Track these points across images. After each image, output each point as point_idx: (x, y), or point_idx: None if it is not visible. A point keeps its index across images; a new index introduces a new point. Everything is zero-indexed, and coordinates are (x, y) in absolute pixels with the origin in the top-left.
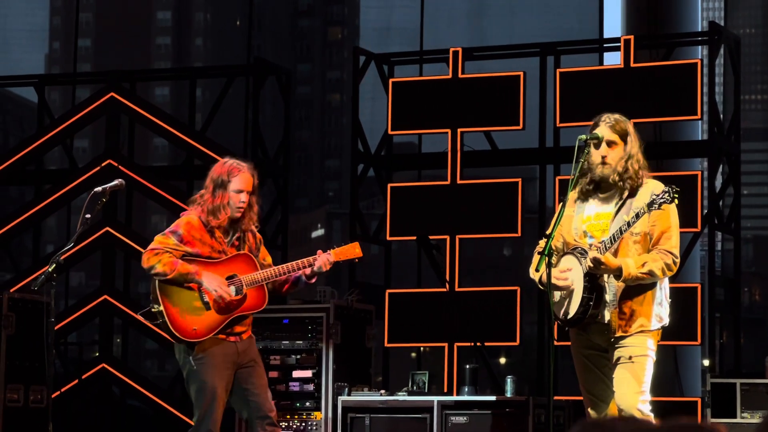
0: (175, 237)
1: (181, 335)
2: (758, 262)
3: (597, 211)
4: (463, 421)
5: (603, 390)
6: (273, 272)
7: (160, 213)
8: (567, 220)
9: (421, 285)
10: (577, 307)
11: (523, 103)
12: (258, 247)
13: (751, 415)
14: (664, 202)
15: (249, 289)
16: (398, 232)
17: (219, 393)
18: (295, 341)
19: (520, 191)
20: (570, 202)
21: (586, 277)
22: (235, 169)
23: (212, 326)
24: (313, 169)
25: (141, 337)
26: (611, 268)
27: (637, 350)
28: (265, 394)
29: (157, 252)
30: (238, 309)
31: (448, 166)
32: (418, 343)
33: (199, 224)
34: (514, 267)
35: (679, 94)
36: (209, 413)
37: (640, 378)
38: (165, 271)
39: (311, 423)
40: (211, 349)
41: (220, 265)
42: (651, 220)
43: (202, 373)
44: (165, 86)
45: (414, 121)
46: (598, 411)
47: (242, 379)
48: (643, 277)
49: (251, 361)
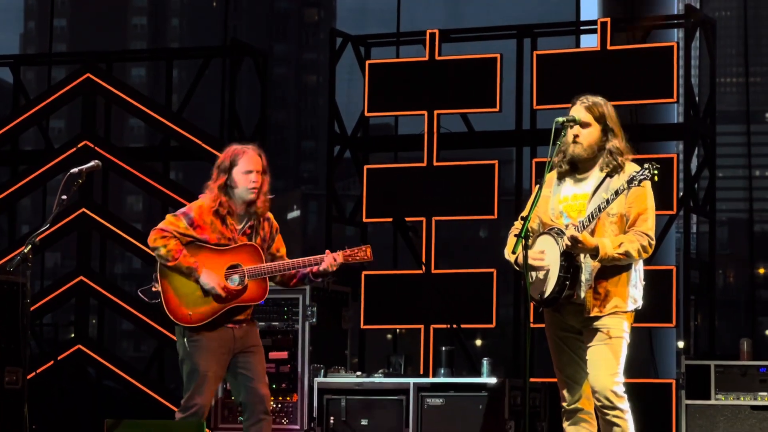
0: (186, 220)
1: (175, 318)
2: (733, 244)
3: (574, 191)
4: (439, 403)
5: (576, 371)
6: (277, 266)
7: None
8: (543, 200)
9: (397, 267)
10: (553, 286)
11: (500, 85)
12: (273, 236)
13: (725, 396)
14: (644, 178)
15: (250, 280)
16: (374, 213)
17: (210, 376)
18: (271, 322)
19: (497, 173)
20: (547, 183)
21: (562, 257)
22: (240, 151)
23: (208, 313)
24: (289, 150)
25: (117, 318)
26: (588, 247)
27: (612, 331)
28: (262, 381)
29: (165, 235)
30: (237, 299)
31: (425, 148)
32: (394, 324)
33: (210, 209)
34: (491, 249)
35: (655, 77)
36: (197, 394)
37: (615, 359)
38: (167, 257)
39: (287, 405)
40: (208, 333)
41: (227, 253)
42: (628, 202)
43: (195, 356)
44: (141, 67)
45: (390, 102)
46: (572, 393)
47: (240, 365)
48: (619, 257)
49: (251, 346)
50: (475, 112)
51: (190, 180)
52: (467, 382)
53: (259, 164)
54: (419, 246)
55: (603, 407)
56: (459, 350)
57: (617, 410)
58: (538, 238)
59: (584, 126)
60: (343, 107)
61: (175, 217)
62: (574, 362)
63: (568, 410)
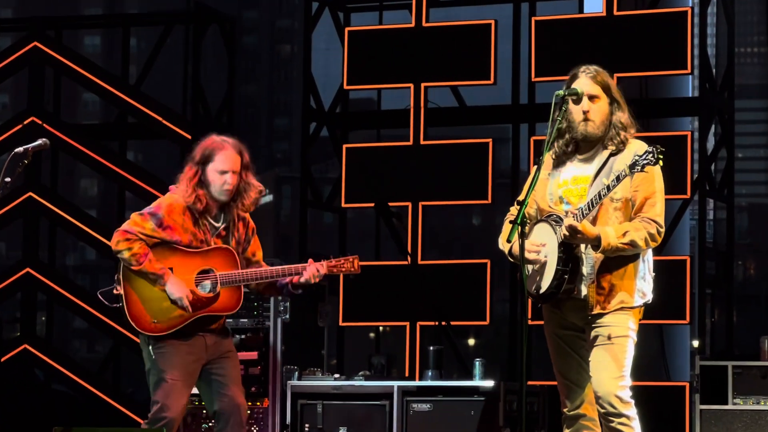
0: (154, 221)
1: (137, 326)
2: (753, 232)
3: (575, 174)
4: (426, 409)
5: (579, 374)
6: (253, 274)
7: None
8: (542, 184)
9: (379, 257)
10: (550, 280)
11: (495, 55)
12: (249, 238)
13: (743, 401)
14: (648, 164)
15: (223, 288)
16: (354, 198)
17: (179, 385)
18: (238, 319)
19: (491, 153)
20: (546, 165)
21: (560, 248)
22: (218, 146)
23: (175, 322)
24: (260, 128)
25: (68, 314)
26: (589, 238)
27: (616, 330)
28: (238, 388)
29: (129, 237)
30: (207, 308)
31: (411, 124)
32: (376, 321)
33: (182, 207)
34: (485, 238)
35: (667, 45)
36: (166, 406)
37: (620, 361)
38: (131, 261)
39: (257, 411)
40: (175, 340)
41: (198, 256)
42: (633, 185)
43: (162, 364)
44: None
45: (372, 74)
46: (573, 397)
47: (213, 370)
48: (623, 247)
49: (224, 352)
50: (466, 84)
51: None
52: (458, 386)
53: (236, 164)
54: (404, 234)
55: (607, 414)
56: (449, 350)
57: (623, 417)
58: (535, 226)
59: (593, 99)
60: (319, 80)
61: (141, 216)
62: (576, 363)
63: (569, 416)
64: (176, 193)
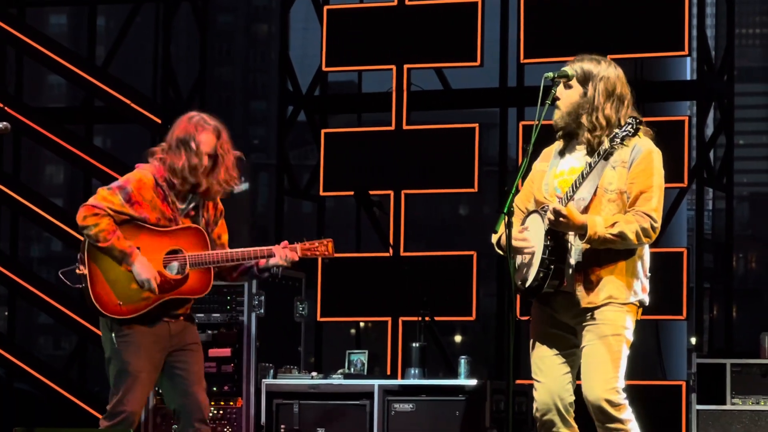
0: (122, 195)
1: (101, 308)
2: (755, 223)
3: (572, 165)
4: (408, 409)
5: (550, 366)
6: (223, 256)
7: (55, 163)
8: (539, 175)
9: (360, 249)
10: (536, 271)
11: (481, 34)
12: (217, 220)
13: (742, 401)
14: (627, 135)
15: (192, 270)
16: (333, 186)
17: (143, 376)
18: (210, 314)
19: (478, 139)
20: (544, 156)
21: (547, 236)
22: (200, 127)
23: (141, 305)
24: (234, 112)
25: (32, 309)
26: (574, 223)
27: (607, 328)
28: (200, 384)
29: (97, 212)
30: (176, 290)
31: (393, 108)
32: (356, 317)
33: (152, 184)
34: (471, 228)
35: (663, 25)
36: (127, 399)
37: (612, 362)
38: (98, 238)
39: (230, 411)
40: (139, 327)
41: (166, 235)
42: (630, 177)
43: (125, 353)
44: (61, 13)
45: (353, 55)
46: (537, 389)
47: (175, 364)
48: (612, 239)
49: (188, 344)
50: (451, 66)
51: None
52: (442, 385)
53: (210, 146)
54: (386, 224)
55: (599, 421)
56: (433, 347)
57: (617, 422)
58: (528, 218)
59: (566, 86)
60: (297, 61)
61: (109, 191)
62: (556, 362)
63: (543, 421)
64: (147, 168)
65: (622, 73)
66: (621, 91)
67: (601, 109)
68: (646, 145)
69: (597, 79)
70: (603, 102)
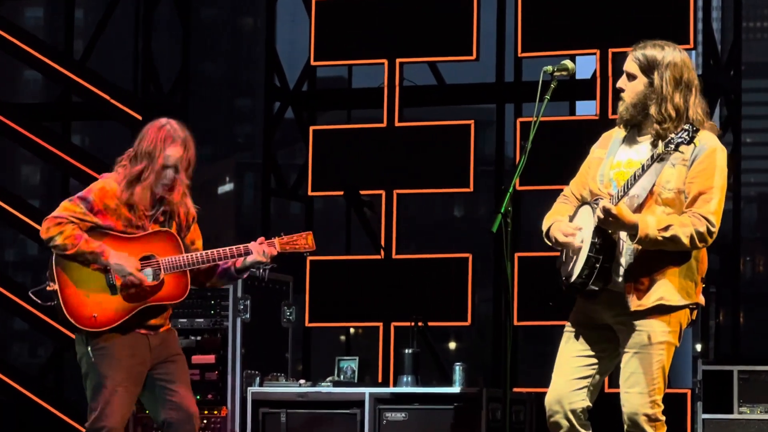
0: (84, 205)
1: (76, 321)
2: (763, 225)
3: (630, 157)
4: (401, 418)
5: (569, 367)
6: (198, 258)
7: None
8: (596, 162)
9: (350, 251)
10: (581, 268)
11: (477, 27)
12: (189, 225)
13: (750, 409)
14: (681, 142)
15: (168, 274)
16: (322, 185)
17: (120, 390)
18: (194, 319)
19: (473, 136)
20: (602, 143)
21: (595, 232)
22: (169, 139)
23: (117, 315)
24: (219, 109)
25: (7, 315)
26: (624, 223)
27: (653, 336)
28: (189, 395)
29: (60, 221)
30: (152, 297)
31: (385, 104)
32: (346, 322)
33: (116, 192)
34: (467, 230)
35: (667, 18)
36: (106, 414)
37: (654, 373)
38: (65, 244)
39: (214, 420)
40: (116, 339)
41: (136, 242)
42: (690, 176)
43: (102, 366)
44: (37, 6)
45: (342, 49)
46: (550, 387)
47: (159, 376)
48: (663, 242)
49: (171, 356)
50: (446, 60)
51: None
52: (436, 393)
53: (176, 158)
54: (377, 225)
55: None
56: (426, 354)
57: None
58: (579, 209)
59: (630, 77)
60: (284, 56)
61: (70, 202)
62: (575, 364)
63: (551, 422)
64: (110, 178)
65: (687, 57)
66: (688, 77)
67: (670, 99)
68: (710, 143)
69: (663, 67)
70: (672, 91)
